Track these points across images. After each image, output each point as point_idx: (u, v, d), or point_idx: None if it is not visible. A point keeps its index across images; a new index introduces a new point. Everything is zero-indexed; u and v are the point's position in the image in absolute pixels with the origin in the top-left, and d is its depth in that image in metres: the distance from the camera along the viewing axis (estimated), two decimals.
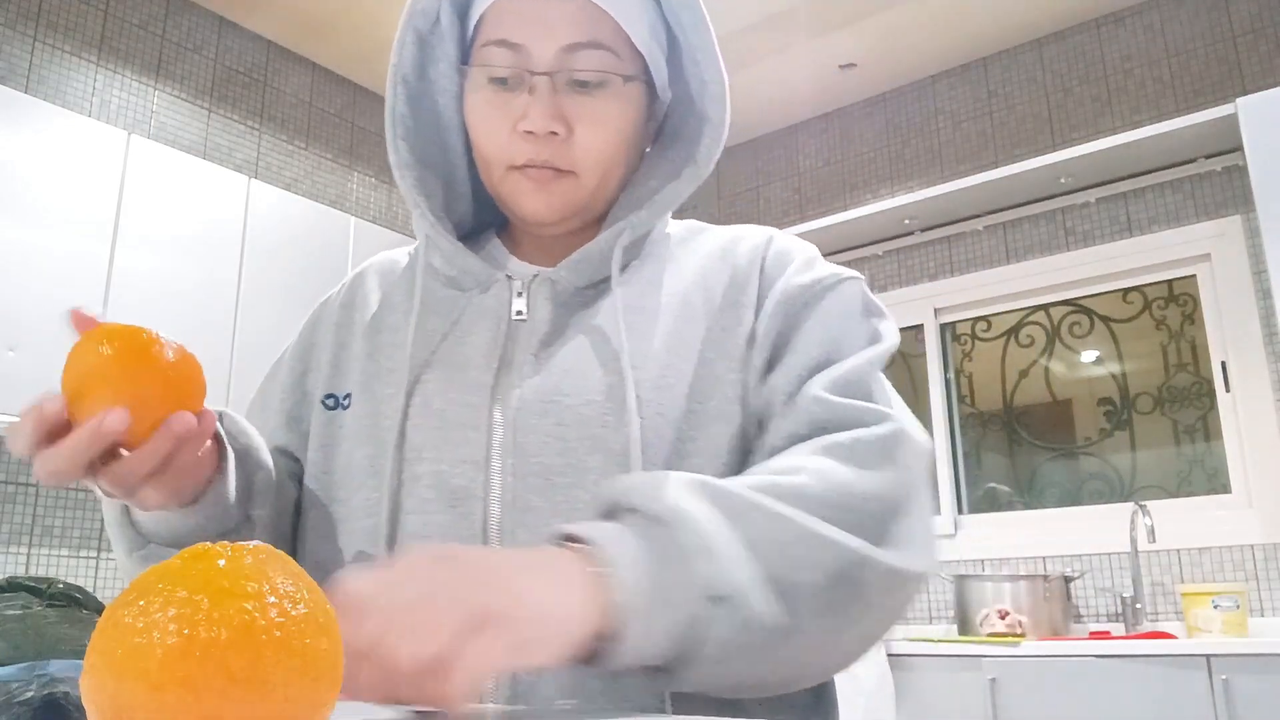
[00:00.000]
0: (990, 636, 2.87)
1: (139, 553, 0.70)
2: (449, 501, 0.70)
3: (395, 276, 0.85)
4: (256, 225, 3.13)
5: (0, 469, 2.80)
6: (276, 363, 0.87)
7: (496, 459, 0.70)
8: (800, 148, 4.25)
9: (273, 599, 0.31)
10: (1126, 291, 3.41)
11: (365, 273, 0.87)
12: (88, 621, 0.60)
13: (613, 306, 0.74)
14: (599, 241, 0.76)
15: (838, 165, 4.12)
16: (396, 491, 0.72)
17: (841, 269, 0.78)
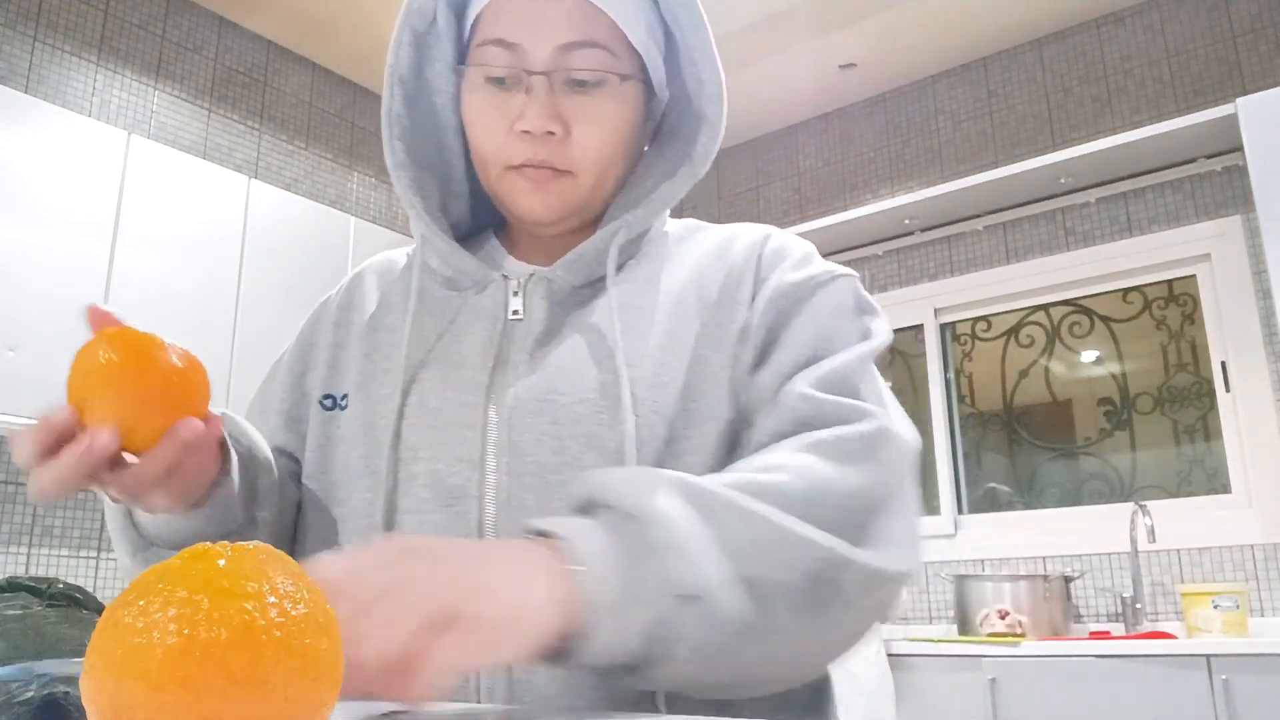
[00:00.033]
0: (990, 636, 2.87)
1: (143, 555, 0.70)
2: (445, 501, 0.70)
3: (394, 277, 0.85)
4: (256, 225, 3.13)
5: (0, 469, 2.80)
6: (276, 363, 0.87)
7: (492, 458, 0.70)
8: (800, 148, 4.25)
9: (273, 599, 0.31)
10: (1126, 291, 3.41)
11: (364, 273, 0.87)
12: (88, 621, 0.60)
13: (608, 305, 0.73)
14: (594, 240, 0.76)
15: (838, 165, 4.12)
16: (392, 491, 0.72)
17: (836, 266, 0.77)
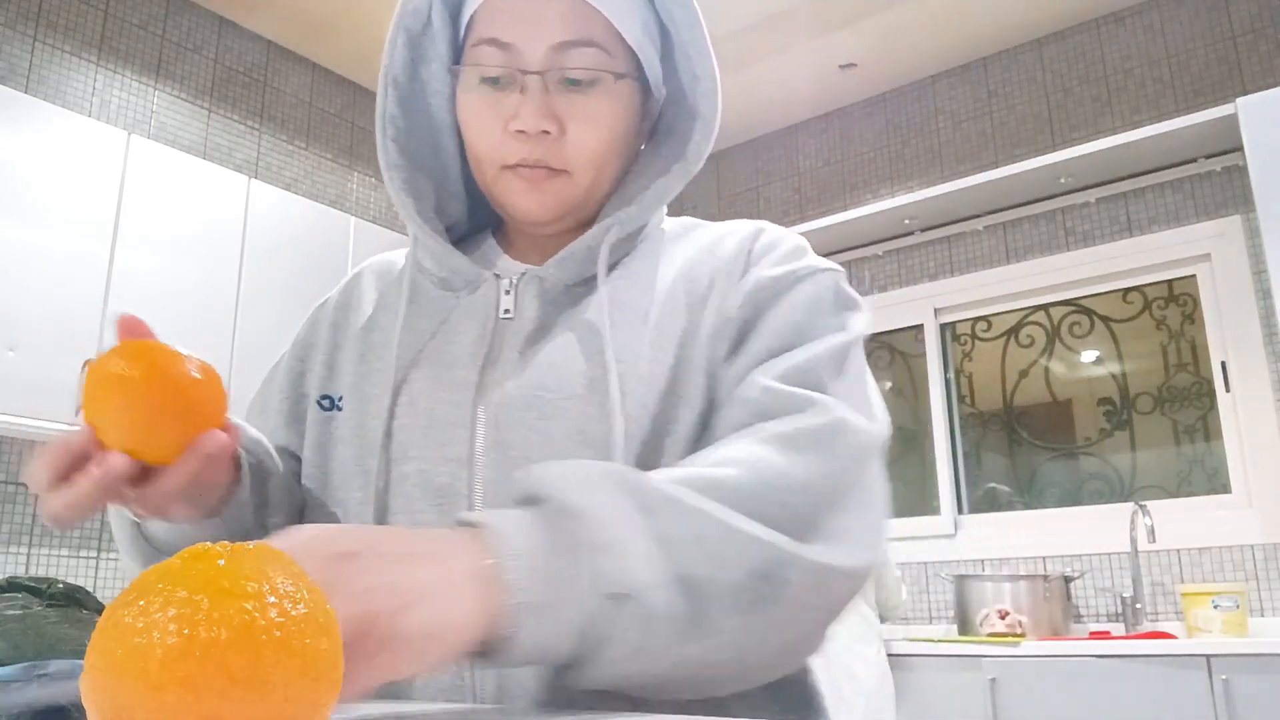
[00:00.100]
0: (990, 636, 2.87)
1: (155, 565, 0.70)
2: (434, 500, 0.70)
3: (392, 278, 0.85)
4: (256, 225, 3.13)
5: (0, 469, 2.80)
6: (275, 365, 0.87)
7: (481, 456, 0.69)
8: (800, 148, 4.24)
9: (273, 599, 0.31)
10: (1126, 291, 3.41)
11: (362, 274, 0.87)
12: (88, 621, 0.60)
13: (599, 302, 0.73)
14: (586, 238, 0.75)
15: (838, 165, 4.12)
16: (383, 491, 0.72)
17: (821, 261, 0.76)
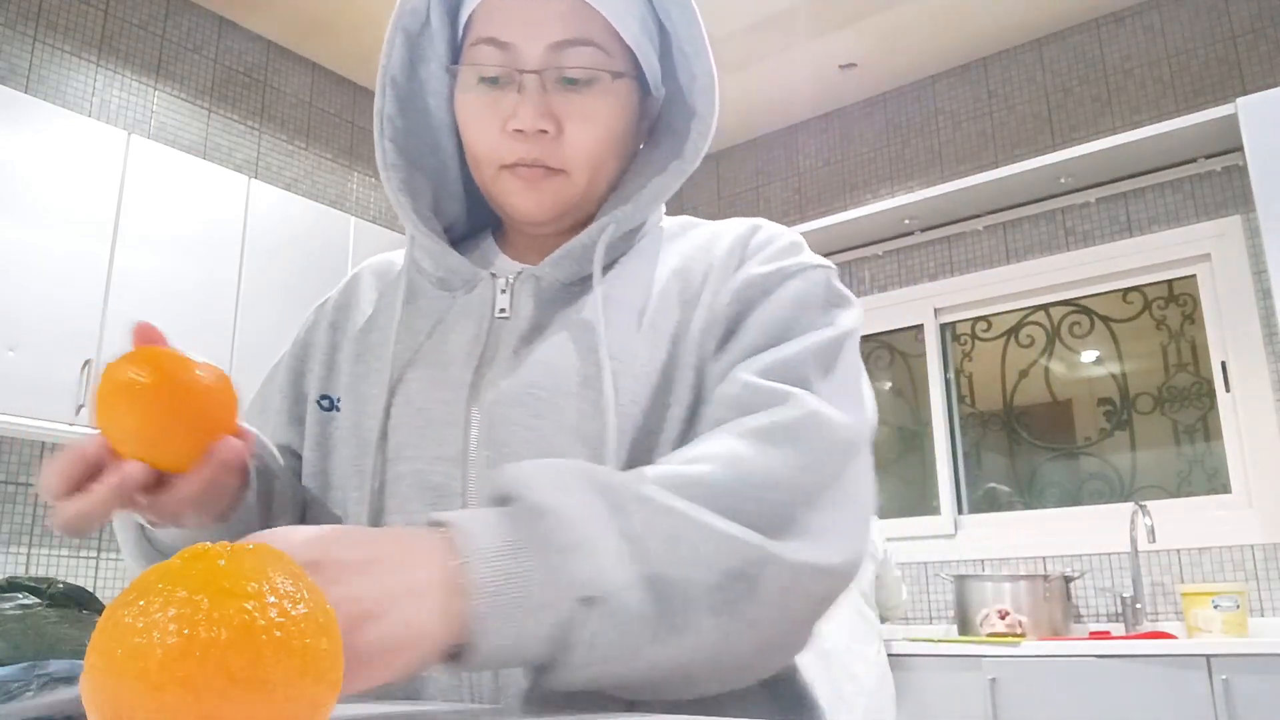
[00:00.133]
0: (990, 636, 2.87)
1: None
2: (429, 500, 0.70)
3: (391, 278, 0.85)
4: (256, 225, 3.14)
5: (0, 469, 2.80)
6: (275, 365, 0.87)
7: (474, 455, 0.69)
8: (800, 148, 4.25)
9: (273, 599, 0.31)
10: (1126, 291, 3.41)
11: (361, 274, 0.87)
12: (88, 621, 0.60)
13: (594, 301, 0.73)
14: (582, 237, 0.75)
15: (838, 165, 4.12)
16: (379, 491, 0.72)
17: (813, 258, 0.75)
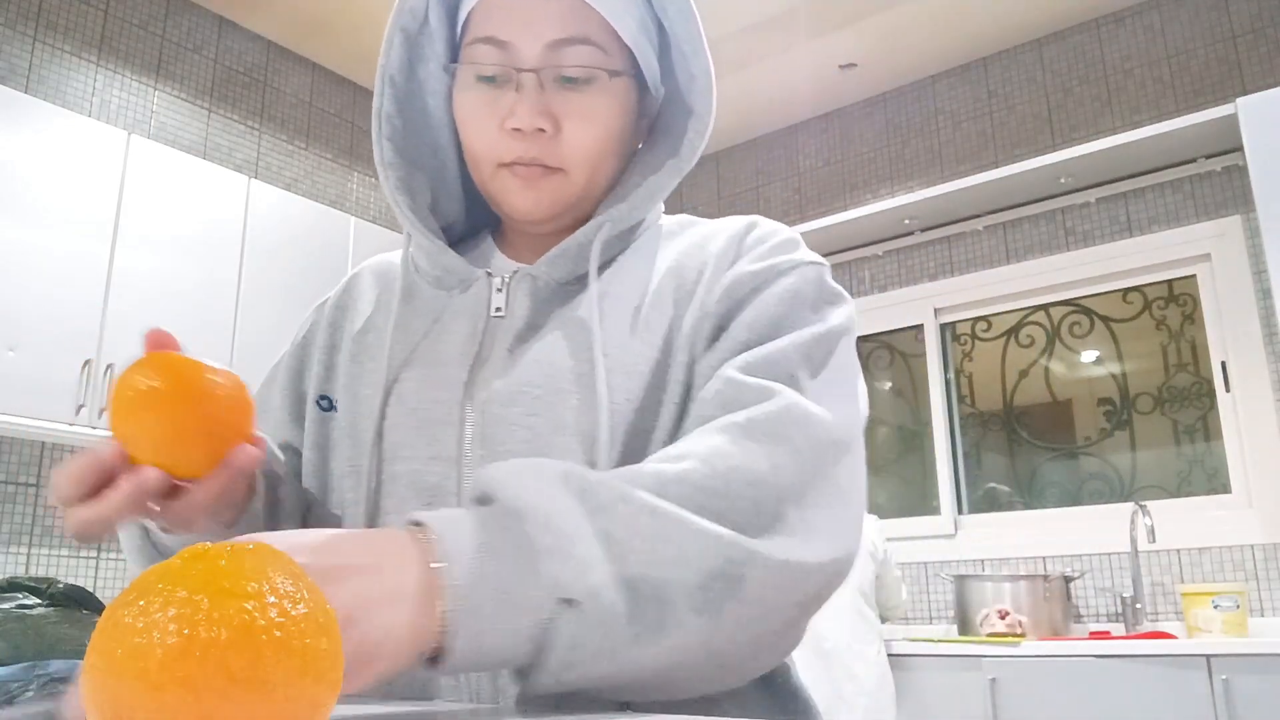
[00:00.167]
0: (990, 636, 2.87)
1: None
2: (425, 500, 0.70)
3: (390, 279, 0.85)
4: (256, 225, 3.14)
5: (0, 469, 2.80)
6: (276, 365, 0.87)
7: (469, 454, 0.69)
8: (800, 148, 4.25)
9: (273, 599, 0.31)
10: (1126, 291, 3.41)
11: (360, 274, 0.87)
12: (88, 621, 0.60)
13: (590, 300, 0.73)
14: (577, 236, 0.75)
15: (838, 165, 4.12)
16: (375, 492, 0.72)
17: (806, 255, 0.74)
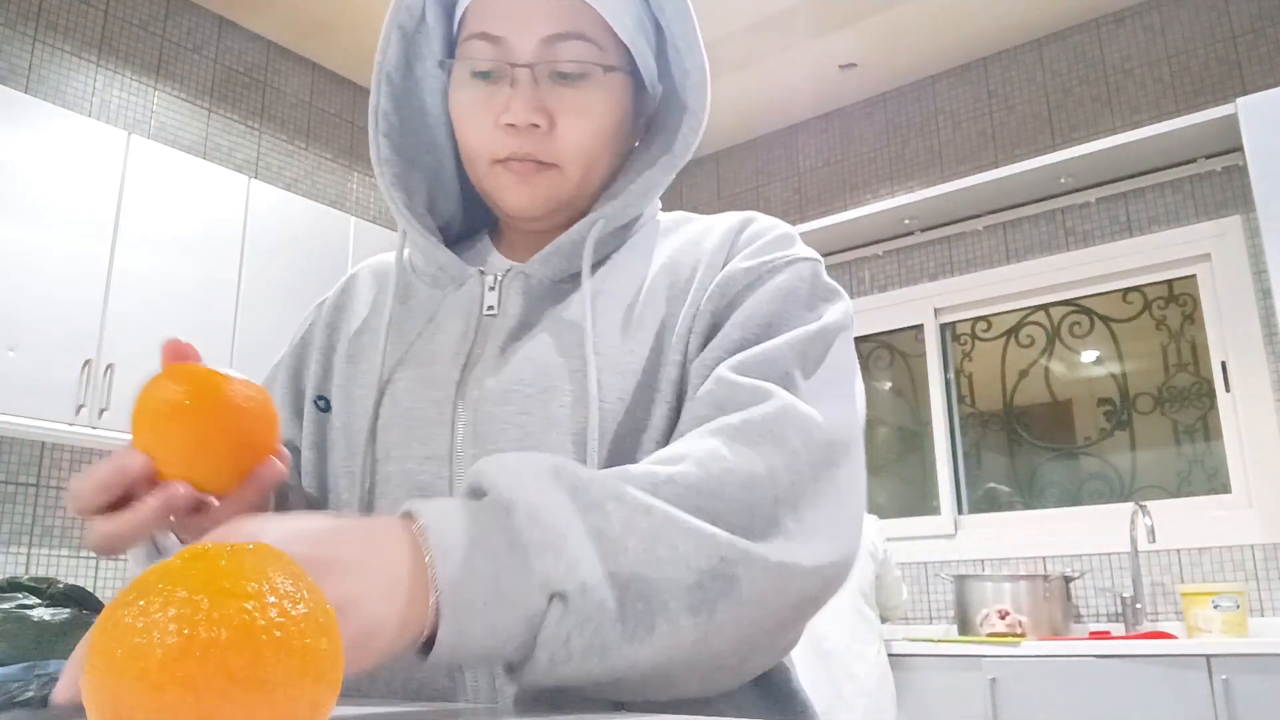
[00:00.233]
0: (990, 636, 2.87)
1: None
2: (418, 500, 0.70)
3: (387, 279, 0.85)
4: (256, 225, 3.14)
5: (0, 469, 2.80)
6: (276, 365, 0.87)
7: (460, 453, 0.69)
8: (800, 148, 4.25)
9: (273, 599, 0.31)
10: (1126, 291, 3.41)
11: (359, 274, 0.87)
12: (87, 621, 0.60)
13: (582, 297, 0.72)
14: (570, 233, 0.74)
15: (838, 165, 4.12)
16: (369, 492, 0.72)
17: (801, 250, 0.74)
